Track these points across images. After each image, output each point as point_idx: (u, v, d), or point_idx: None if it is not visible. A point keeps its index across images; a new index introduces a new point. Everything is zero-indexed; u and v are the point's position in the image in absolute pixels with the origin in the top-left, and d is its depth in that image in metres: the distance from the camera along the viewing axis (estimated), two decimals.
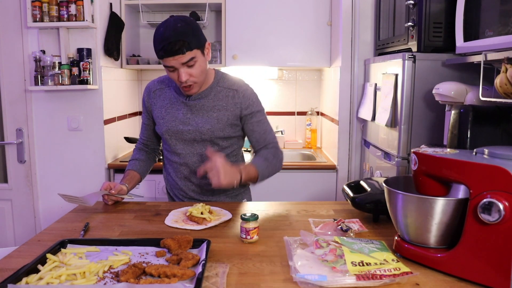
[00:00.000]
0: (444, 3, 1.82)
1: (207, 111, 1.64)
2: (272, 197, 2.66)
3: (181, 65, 1.48)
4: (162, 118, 1.68)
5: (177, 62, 1.48)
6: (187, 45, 1.46)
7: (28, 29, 2.57)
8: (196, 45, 1.49)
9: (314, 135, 3.33)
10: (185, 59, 1.47)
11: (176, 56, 1.46)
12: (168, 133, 1.67)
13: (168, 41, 1.44)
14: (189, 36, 1.46)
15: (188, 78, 1.51)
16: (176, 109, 1.66)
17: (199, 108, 1.64)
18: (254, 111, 1.66)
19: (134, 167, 1.77)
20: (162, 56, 1.47)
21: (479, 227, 0.95)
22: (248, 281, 1.02)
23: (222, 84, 1.66)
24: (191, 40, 1.47)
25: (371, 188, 1.46)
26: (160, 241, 1.17)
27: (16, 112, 2.66)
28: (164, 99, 1.69)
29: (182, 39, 1.45)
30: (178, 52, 1.45)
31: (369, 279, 0.96)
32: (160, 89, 1.72)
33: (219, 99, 1.64)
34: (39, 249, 1.18)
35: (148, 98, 1.73)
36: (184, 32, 1.45)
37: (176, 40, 1.44)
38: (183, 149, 1.68)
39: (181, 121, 1.65)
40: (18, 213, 2.73)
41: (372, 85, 2.31)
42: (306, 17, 2.89)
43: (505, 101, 1.33)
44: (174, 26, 1.46)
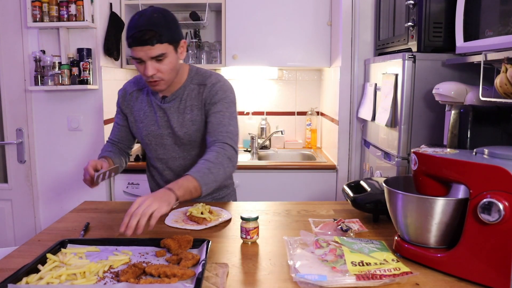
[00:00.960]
0: (444, 3, 1.82)
1: (181, 113, 1.56)
2: (272, 197, 2.67)
3: (149, 58, 1.39)
4: (141, 122, 1.61)
5: (144, 53, 1.38)
6: (158, 37, 1.37)
7: (28, 29, 2.56)
8: (168, 39, 1.40)
9: (314, 135, 3.33)
10: (154, 52, 1.38)
11: (144, 47, 1.37)
12: (148, 138, 1.61)
13: (139, 29, 1.35)
14: (162, 28, 1.37)
15: (154, 73, 1.42)
16: (153, 112, 1.59)
17: (173, 111, 1.56)
18: (216, 101, 1.53)
19: (109, 155, 1.63)
20: (131, 44, 1.38)
21: (479, 227, 0.95)
22: (248, 281, 1.02)
23: (195, 81, 1.58)
24: (164, 33, 1.38)
25: (371, 188, 1.46)
26: (160, 241, 1.17)
27: (16, 112, 2.66)
28: (142, 102, 1.62)
29: (154, 30, 1.36)
30: (147, 42, 1.36)
31: (369, 279, 0.96)
32: (137, 90, 1.64)
33: (192, 98, 1.56)
34: (39, 249, 1.19)
35: (124, 100, 1.65)
36: (158, 23, 1.37)
37: (147, 30, 1.35)
38: (164, 154, 1.63)
39: (159, 124, 1.59)
40: (18, 213, 2.73)
41: (372, 85, 2.31)
42: (306, 17, 2.89)
43: (505, 101, 1.33)
44: (149, 15, 1.38)
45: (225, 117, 1.52)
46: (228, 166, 1.45)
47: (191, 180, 1.32)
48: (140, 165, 2.68)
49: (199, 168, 1.38)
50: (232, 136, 1.51)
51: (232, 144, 1.49)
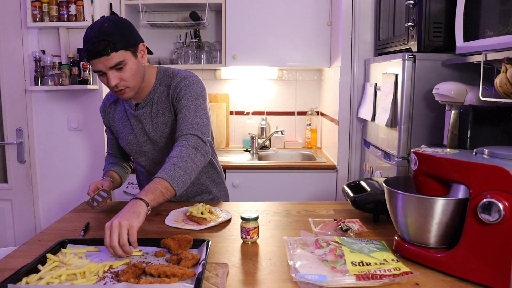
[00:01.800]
0: (444, 3, 1.82)
1: (154, 118, 1.55)
2: (272, 197, 2.67)
3: (109, 68, 1.37)
4: (121, 132, 1.63)
5: (103, 65, 1.36)
6: (112, 46, 1.34)
7: (28, 29, 2.57)
8: (123, 45, 1.36)
9: (314, 135, 3.33)
10: (111, 62, 1.36)
11: (101, 58, 1.34)
12: (129, 147, 1.63)
13: (91, 42, 1.33)
14: (114, 36, 1.34)
15: (118, 82, 1.40)
16: (129, 121, 1.60)
17: (146, 117, 1.56)
18: (180, 97, 1.49)
19: (110, 168, 1.69)
20: (87, 58, 1.36)
21: (479, 227, 0.95)
22: (248, 281, 1.02)
23: (163, 83, 1.55)
24: (117, 41, 1.35)
25: (371, 188, 1.46)
26: (160, 241, 1.17)
27: (16, 112, 2.66)
28: (120, 112, 1.63)
29: (107, 39, 1.33)
30: (102, 53, 1.33)
31: (369, 279, 0.96)
32: (114, 102, 1.65)
33: (162, 101, 1.54)
34: (39, 249, 1.19)
35: (104, 113, 1.68)
36: (109, 32, 1.34)
37: (100, 40, 1.33)
38: (145, 160, 1.64)
39: (136, 133, 1.59)
40: (18, 213, 2.73)
41: (372, 85, 2.31)
42: (306, 17, 2.89)
43: (505, 101, 1.33)
44: (100, 26, 1.35)
45: (191, 110, 1.47)
46: (197, 156, 1.39)
47: (158, 181, 1.28)
48: None
49: (165, 167, 1.33)
50: (198, 127, 1.44)
51: (196, 134, 1.43)
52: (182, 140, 1.41)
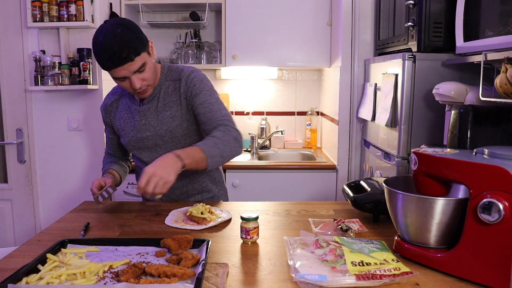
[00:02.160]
0: (444, 3, 1.82)
1: (160, 112, 1.57)
2: (272, 197, 2.67)
3: (133, 73, 1.40)
4: (122, 130, 1.64)
5: (127, 71, 1.39)
6: (133, 51, 1.36)
7: (28, 29, 2.57)
8: (141, 48, 1.40)
9: (314, 135, 3.33)
10: (135, 66, 1.39)
11: (125, 65, 1.37)
12: (130, 144, 1.63)
13: (113, 50, 1.34)
14: (132, 40, 1.37)
15: (142, 84, 1.45)
16: (131, 117, 1.61)
17: (152, 111, 1.57)
18: (197, 92, 1.53)
19: (111, 167, 1.69)
20: (110, 67, 1.38)
21: (479, 227, 0.95)
22: (248, 281, 1.02)
23: (169, 78, 1.59)
24: (136, 45, 1.38)
25: (371, 188, 1.46)
26: (160, 241, 1.17)
27: (16, 112, 2.66)
28: (121, 110, 1.64)
29: (128, 45, 1.35)
30: (126, 60, 1.36)
31: (369, 279, 0.96)
32: (115, 101, 1.66)
33: (169, 95, 1.57)
34: (39, 249, 1.19)
35: (106, 113, 1.68)
36: (126, 38, 1.36)
37: (122, 48, 1.34)
38: (148, 156, 1.63)
39: (138, 129, 1.59)
40: (18, 213, 2.73)
41: (372, 85, 2.31)
42: (306, 17, 2.89)
43: (505, 101, 1.33)
44: (114, 32, 1.35)
45: (213, 104, 1.53)
46: (235, 146, 1.48)
47: (197, 150, 1.38)
48: None
49: (206, 141, 1.42)
50: (230, 119, 1.54)
51: (233, 126, 1.52)
52: (223, 128, 1.48)
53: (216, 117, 1.51)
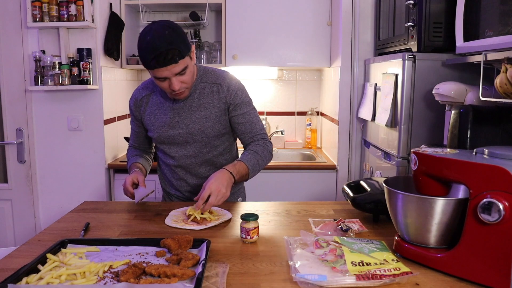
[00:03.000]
0: (444, 3, 1.82)
1: (194, 111, 1.60)
2: (272, 197, 2.67)
3: (174, 75, 1.44)
4: (152, 125, 1.65)
5: (170, 72, 1.43)
6: (178, 54, 1.40)
7: (28, 29, 2.57)
8: (186, 52, 1.44)
9: (314, 135, 3.33)
10: (178, 68, 1.43)
11: (169, 66, 1.41)
12: (160, 139, 1.65)
13: (160, 51, 1.37)
14: (179, 43, 1.41)
15: (180, 86, 1.48)
16: (163, 114, 1.63)
17: (186, 110, 1.60)
18: (239, 103, 1.62)
19: (136, 160, 1.73)
20: (154, 66, 1.41)
21: (479, 227, 0.95)
22: (248, 281, 1.02)
23: (205, 80, 1.62)
24: (182, 48, 1.42)
25: (371, 188, 1.46)
26: (160, 241, 1.17)
27: (16, 112, 2.66)
28: (152, 105, 1.66)
29: (174, 48, 1.39)
30: (171, 62, 1.40)
31: (369, 279, 0.96)
32: (146, 96, 1.68)
33: (204, 96, 1.61)
34: (39, 249, 1.19)
35: (136, 107, 1.69)
36: (174, 40, 1.40)
37: (169, 49, 1.38)
38: (176, 152, 1.66)
39: (170, 125, 1.62)
40: (18, 213, 2.73)
41: (372, 85, 2.31)
42: (306, 17, 2.89)
43: (505, 101, 1.33)
44: (162, 33, 1.39)
45: (252, 116, 1.66)
46: (269, 160, 1.67)
47: (244, 167, 1.55)
48: None
49: (251, 158, 1.59)
50: (265, 131, 1.71)
51: (269, 139, 1.70)
52: (263, 143, 1.65)
53: (256, 130, 1.66)
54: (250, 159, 1.58)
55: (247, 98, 1.66)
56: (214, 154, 1.67)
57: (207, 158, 1.67)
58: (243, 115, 1.63)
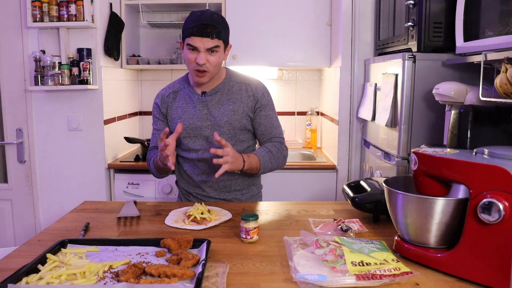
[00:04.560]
0: (444, 3, 1.82)
1: (223, 105, 1.68)
2: (272, 197, 2.67)
3: (205, 49, 1.55)
4: (179, 118, 1.71)
5: (202, 44, 1.54)
6: (217, 32, 1.55)
7: (28, 29, 2.56)
8: (224, 37, 1.59)
9: (314, 135, 3.33)
10: (211, 44, 1.55)
11: (204, 38, 1.53)
12: (187, 131, 1.69)
13: (202, 22, 1.53)
14: (221, 26, 1.57)
15: (205, 63, 1.57)
16: (192, 106, 1.70)
17: (215, 103, 1.69)
18: (265, 104, 1.73)
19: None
20: (192, 33, 1.53)
21: (479, 227, 0.95)
22: (248, 281, 1.02)
23: (234, 79, 1.73)
24: (222, 31, 1.57)
25: (371, 188, 1.46)
26: (160, 241, 1.17)
27: (16, 112, 2.66)
28: (180, 100, 1.73)
29: (216, 26, 1.54)
30: (208, 35, 1.53)
31: (369, 279, 0.96)
32: (173, 92, 1.76)
33: (233, 92, 1.70)
34: (39, 249, 1.19)
35: (162, 103, 1.75)
36: (219, 21, 1.57)
37: (210, 24, 1.53)
38: (201, 145, 1.69)
39: (198, 117, 1.68)
40: (18, 213, 2.73)
41: (372, 85, 2.31)
42: (306, 17, 2.89)
43: (505, 101, 1.33)
44: (211, 13, 1.57)
45: (274, 120, 1.77)
46: (282, 163, 1.74)
47: (256, 161, 1.62)
48: (140, 165, 2.68)
49: (264, 155, 1.66)
50: (283, 136, 1.80)
51: (285, 143, 1.78)
52: (279, 146, 1.73)
53: (275, 133, 1.75)
54: (264, 155, 1.66)
55: (272, 102, 1.77)
56: (238, 149, 1.69)
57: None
58: (265, 116, 1.73)
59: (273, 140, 1.74)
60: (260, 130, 1.74)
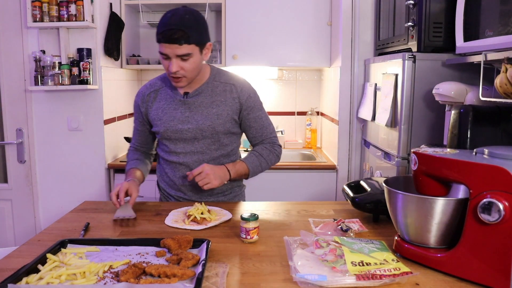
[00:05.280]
0: (444, 3, 1.82)
1: (206, 107, 1.61)
2: (272, 197, 2.67)
3: (175, 56, 1.47)
4: (159, 119, 1.64)
5: (171, 51, 1.45)
6: (186, 37, 1.43)
7: (28, 29, 2.56)
8: (196, 40, 1.46)
9: (314, 135, 3.33)
10: (180, 51, 1.45)
11: (172, 45, 1.44)
12: (167, 133, 1.63)
13: (169, 27, 1.42)
14: (192, 29, 1.44)
15: (178, 70, 1.49)
16: (173, 108, 1.63)
17: (197, 105, 1.61)
18: (252, 106, 1.65)
19: (136, 165, 1.70)
20: (160, 40, 1.46)
21: (479, 227, 0.95)
22: (248, 281, 1.02)
23: (218, 79, 1.65)
24: (192, 34, 1.45)
25: (371, 188, 1.46)
26: (160, 241, 1.17)
27: (16, 112, 2.66)
28: (160, 100, 1.66)
29: (184, 30, 1.43)
30: (175, 41, 1.43)
31: (369, 279, 0.96)
32: (154, 91, 1.68)
33: (217, 94, 1.62)
34: (39, 249, 1.19)
35: (143, 102, 1.68)
36: (189, 24, 1.44)
37: (178, 29, 1.42)
38: (183, 148, 1.65)
39: (179, 120, 1.62)
40: (18, 213, 2.73)
41: (372, 85, 2.31)
42: (306, 17, 2.89)
43: (505, 101, 1.33)
44: (181, 15, 1.45)
45: (264, 120, 1.70)
46: (275, 162, 1.72)
47: (245, 168, 1.62)
48: None
49: (254, 160, 1.65)
50: (275, 134, 1.75)
51: (278, 143, 1.74)
52: (271, 147, 1.70)
53: (266, 134, 1.70)
54: (253, 161, 1.64)
55: (259, 101, 1.70)
56: (222, 153, 1.66)
57: (215, 157, 1.65)
58: (255, 118, 1.67)
59: (265, 142, 1.70)
60: (251, 133, 1.70)
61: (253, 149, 1.71)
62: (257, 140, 1.71)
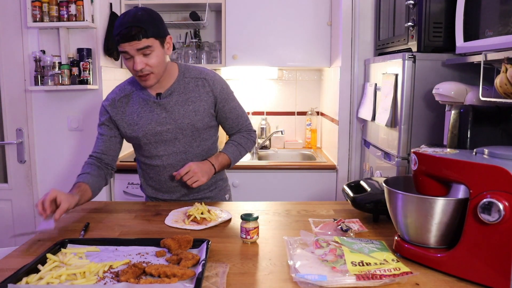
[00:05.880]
0: (444, 3, 1.82)
1: (182, 106, 1.60)
2: (272, 197, 2.67)
3: (136, 51, 1.45)
4: (136, 124, 1.60)
5: (132, 48, 1.44)
6: (143, 32, 1.44)
7: (28, 29, 2.56)
8: (153, 33, 1.47)
9: (314, 135, 3.33)
10: (140, 45, 1.44)
11: (132, 42, 1.43)
12: (146, 137, 1.60)
13: (125, 26, 1.43)
14: (147, 23, 1.45)
15: (143, 67, 1.47)
16: (148, 110, 1.60)
17: (173, 105, 1.60)
18: (226, 97, 1.67)
19: (85, 180, 1.55)
20: (119, 41, 1.45)
21: (479, 227, 0.95)
22: (248, 281, 1.02)
23: (188, 75, 1.63)
24: (148, 28, 1.45)
25: (371, 188, 1.46)
26: (160, 241, 1.17)
27: (16, 112, 2.66)
28: (134, 105, 1.61)
29: (139, 26, 1.43)
30: (134, 38, 1.43)
31: (369, 279, 0.96)
32: (125, 96, 1.63)
33: (190, 91, 1.62)
34: (39, 249, 1.19)
35: (113, 108, 1.62)
36: (142, 20, 1.45)
37: (133, 26, 1.43)
38: (164, 150, 1.62)
39: (157, 122, 1.59)
40: (18, 213, 2.73)
41: (372, 85, 2.31)
42: (306, 17, 2.89)
43: (505, 101, 1.33)
44: (134, 13, 1.46)
45: (238, 110, 1.73)
46: (251, 147, 1.79)
47: (226, 159, 1.68)
48: None
49: (234, 150, 1.71)
50: (250, 121, 1.80)
51: (253, 129, 1.81)
52: (248, 134, 1.77)
53: (242, 123, 1.75)
54: (233, 151, 1.71)
55: (231, 91, 1.72)
56: (203, 148, 1.67)
57: (197, 153, 1.66)
58: (230, 109, 1.70)
59: (241, 130, 1.76)
60: (228, 124, 1.73)
61: (231, 139, 1.76)
62: (234, 130, 1.75)
